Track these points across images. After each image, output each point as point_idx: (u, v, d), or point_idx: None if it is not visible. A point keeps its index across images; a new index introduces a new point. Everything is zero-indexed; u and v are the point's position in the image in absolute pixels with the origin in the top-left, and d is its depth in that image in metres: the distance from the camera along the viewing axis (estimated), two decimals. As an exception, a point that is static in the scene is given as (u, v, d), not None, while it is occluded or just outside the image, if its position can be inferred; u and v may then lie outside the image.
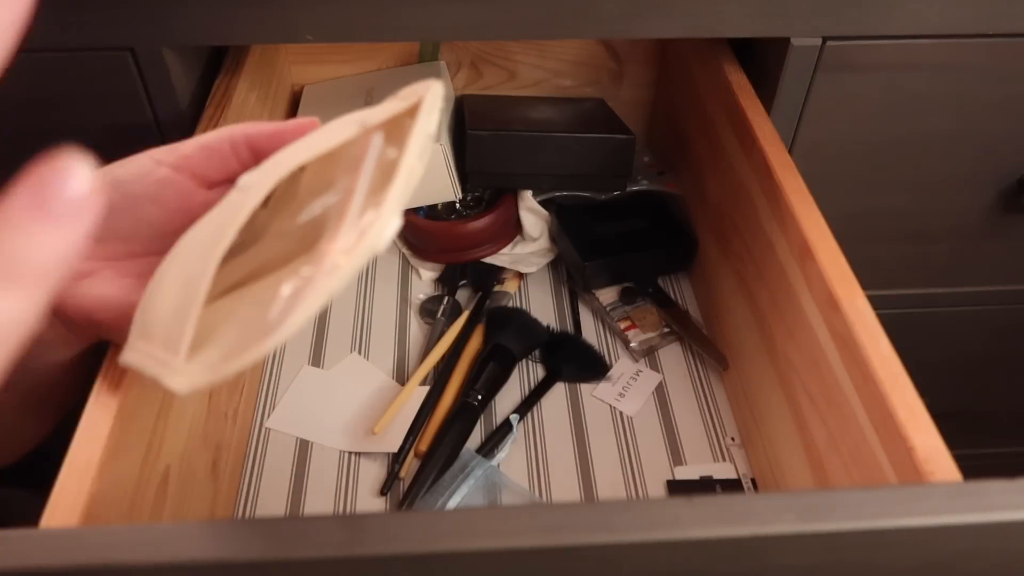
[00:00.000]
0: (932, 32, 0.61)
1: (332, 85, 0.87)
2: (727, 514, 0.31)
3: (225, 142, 0.37)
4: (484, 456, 0.63)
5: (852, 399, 0.45)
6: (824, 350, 0.48)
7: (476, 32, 0.59)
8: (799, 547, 0.31)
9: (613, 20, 0.59)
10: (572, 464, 0.64)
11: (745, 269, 0.63)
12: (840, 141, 0.69)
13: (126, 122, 0.64)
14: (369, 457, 0.64)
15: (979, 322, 0.86)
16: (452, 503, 0.59)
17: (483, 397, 0.66)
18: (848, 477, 0.46)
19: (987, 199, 0.74)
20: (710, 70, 0.70)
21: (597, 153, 0.76)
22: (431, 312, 0.76)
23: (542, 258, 0.80)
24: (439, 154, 0.72)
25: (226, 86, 0.67)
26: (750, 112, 0.61)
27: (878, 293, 0.73)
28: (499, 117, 0.80)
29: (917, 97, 0.66)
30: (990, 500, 0.31)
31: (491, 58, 0.88)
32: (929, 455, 0.38)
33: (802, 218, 0.52)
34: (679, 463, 0.64)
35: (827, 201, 0.54)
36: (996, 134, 0.69)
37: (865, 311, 0.45)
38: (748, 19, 0.59)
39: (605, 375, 0.70)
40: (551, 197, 0.80)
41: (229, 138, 0.37)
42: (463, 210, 0.80)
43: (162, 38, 0.59)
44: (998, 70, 0.65)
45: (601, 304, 0.76)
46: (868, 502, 0.31)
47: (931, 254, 0.79)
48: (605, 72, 0.89)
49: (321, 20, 0.58)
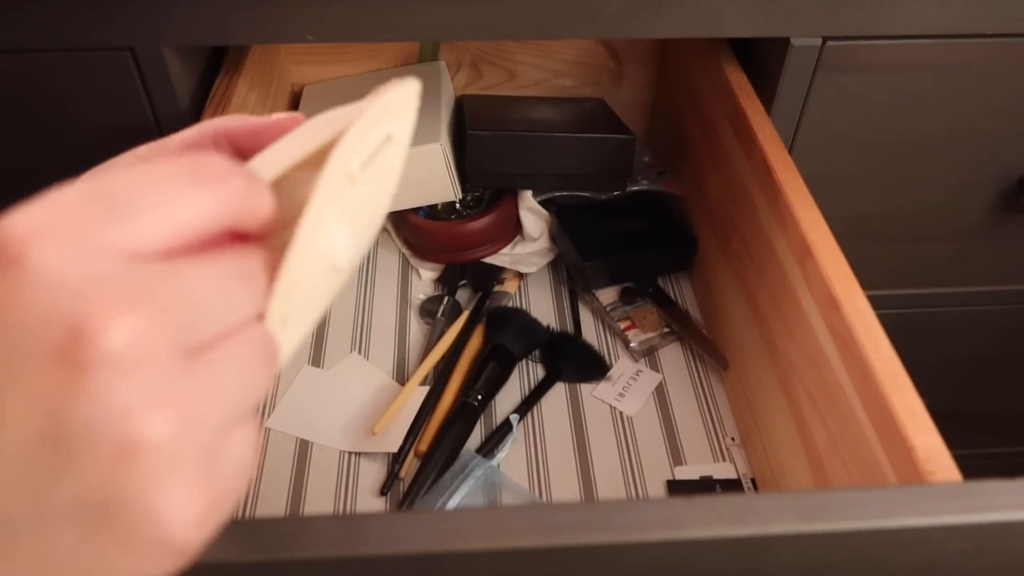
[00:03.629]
0: (932, 32, 0.61)
1: (332, 85, 0.87)
2: (727, 514, 0.31)
3: (207, 138, 0.37)
4: (484, 456, 0.63)
5: (852, 399, 0.45)
6: (824, 350, 0.48)
7: (476, 32, 0.59)
8: (799, 547, 0.31)
9: (613, 20, 0.59)
10: (572, 464, 0.64)
11: (745, 269, 0.63)
12: (840, 141, 0.69)
13: (126, 122, 0.64)
14: (369, 457, 0.64)
15: (979, 322, 0.86)
16: (452, 503, 0.59)
17: (483, 397, 0.66)
18: (848, 477, 0.46)
19: (987, 199, 0.74)
20: (710, 70, 0.70)
21: (597, 153, 0.76)
22: (431, 312, 0.76)
23: (542, 258, 0.80)
24: (439, 154, 0.72)
25: (226, 86, 0.67)
26: (750, 112, 0.61)
27: (878, 293, 0.73)
28: (499, 117, 0.80)
29: (917, 97, 0.66)
30: (990, 500, 0.31)
31: (491, 58, 0.88)
32: (929, 455, 0.38)
33: (802, 218, 0.52)
34: (679, 463, 0.64)
35: (827, 201, 0.54)
36: (996, 134, 0.69)
37: (865, 311, 0.45)
38: (748, 19, 0.59)
39: (605, 375, 0.70)
40: (551, 197, 0.80)
41: (212, 134, 0.36)
42: (463, 210, 0.80)
43: (162, 38, 0.59)
44: (998, 70, 0.65)
45: (601, 304, 0.76)
46: (868, 502, 0.31)
47: (931, 254, 0.79)
48: (605, 72, 0.89)
49: (321, 20, 0.58)
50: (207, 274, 0.23)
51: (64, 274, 0.20)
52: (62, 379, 0.19)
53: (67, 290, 0.20)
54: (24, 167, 0.67)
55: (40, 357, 0.20)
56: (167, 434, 0.20)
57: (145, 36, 0.59)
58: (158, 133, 0.65)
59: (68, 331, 0.19)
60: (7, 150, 0.66)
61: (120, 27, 0.58)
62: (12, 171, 0.67)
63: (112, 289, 0.20)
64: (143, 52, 0.60)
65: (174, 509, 0.21)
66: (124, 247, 0.21)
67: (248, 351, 0.23)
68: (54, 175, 0.48)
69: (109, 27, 0.58)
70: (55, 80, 0.61)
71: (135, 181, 0.23)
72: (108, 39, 0.59)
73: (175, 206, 0.23)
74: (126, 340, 0.20)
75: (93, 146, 0.65)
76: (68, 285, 0.20)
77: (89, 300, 0.20)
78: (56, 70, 0.61)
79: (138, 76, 0.61)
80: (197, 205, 0.23)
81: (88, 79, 0.61)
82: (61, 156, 0.66)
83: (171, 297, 0.21)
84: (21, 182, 0.66)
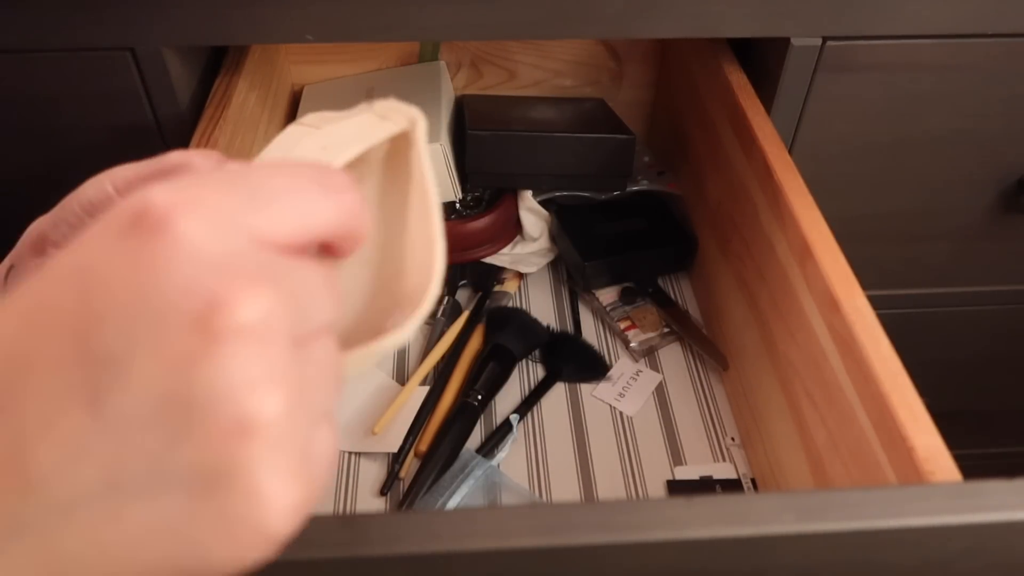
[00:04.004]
0: (932, 32, 0.61)
1: (332, 85, 0.87)
2: (727, 514, 0.31)
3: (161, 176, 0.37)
4: (484, 456, 0.63)
5: (852, 399, 0.45)
6: (824, 350, 0.48)
7: (476, 32, 0.59)
8: (799, 547, 0.31)
9: (613, 20, 0.59)
10: (572, 464, 0.64)
11: (745, 269, 0.63)
12: (840, 141, 0.69)
13: (126, 122, 0.64)
14: (369, 457, 0.64)
15: (979, 322, 0.86)
16: (452, 503, 0.59)
17: (483, 397, 0.66)
18: (848, 477, 0.46)
19: (987, 199, 0.74)
20: (710, 70, 0.70)
21: (597, 153, 0.76)
22: (431, 312, 0.75)
23: (542, 258, 0.80)
24: (439, 154, 0.72)
25: (226, 86, 0.67)
26: (750, 112, 0.61)
27: (878, 293, 0.73)
28: (499, 117, 0.80)
29: (917, 97, 0.66)
30: (990, 500, 0.31)
31: (491, 58, 0.88)
32: (929, 455, 0.38)
33: (802, 218, 0.52)
34: (679, 463, 0.64)
35: (827, 201, 0.54)
36: (996, 134, 0.69)
37: (865, 311, 0.45)
38: (748, 19, 0.59)
39: (605, 375, 0.70)
40: (551, 197, 0.80)
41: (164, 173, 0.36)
42: (463, 210, 0.80)
43: (162, 38, 0.59)
44: (998, 70, 0.65)
45: (601, 304, 0.76)
46: (868, 502, 0.31)
47: (931, 254, 0.79)
48: (605, 72, 0.89)
49: (321, 20, 0.58)
50: (315, 274, 0.24)
51: (207, 248, 0.21)
52: (194, 346, 0.20)
53: (208, 263, 0.21)
54: (24, 167, 0.67)
55: (176, 323, 0.20)
56: (278, 414, 0.21)
57: (145, 36, 0.59)
58: (158, 133, 0.65)
59: (207, 301, 0.20)
60: (7, 150, 0.66)
61: (120, 27, 0.58)
62: (12, 171, 0.67)
63: (248, 268, 0.21)
64: (143, 52, 0.60)
65: (275, 495, 0.21)
66: (258, 233, 0.23)
67: (331, 354, 0.25)
68: (54, 175, 0.48)
69: (109, 27, 0.58)
70: (55, 80, 0.61)
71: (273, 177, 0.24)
72: (108, 39, 0.59)
73: (306, 207, 0.24)
74: (258, 316, 0.21)
75: (93, 146, 0.65)
76: (210, 258, 0.21)
77: (228, 275, 0.21)
78: (56, 70, 0.61)
79: (138, 76, 0.61)
80: (322, 210, 0.25)
81: (88, 79, 0.61)
82: (61, 156, 0.66)
83: (293, 286, 0.23)
84: (21, 182, 0.66)
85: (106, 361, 0.20)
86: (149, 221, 0.21)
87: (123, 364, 0.20)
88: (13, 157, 0.66)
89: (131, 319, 0.20)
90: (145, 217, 0.21)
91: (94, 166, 0.36)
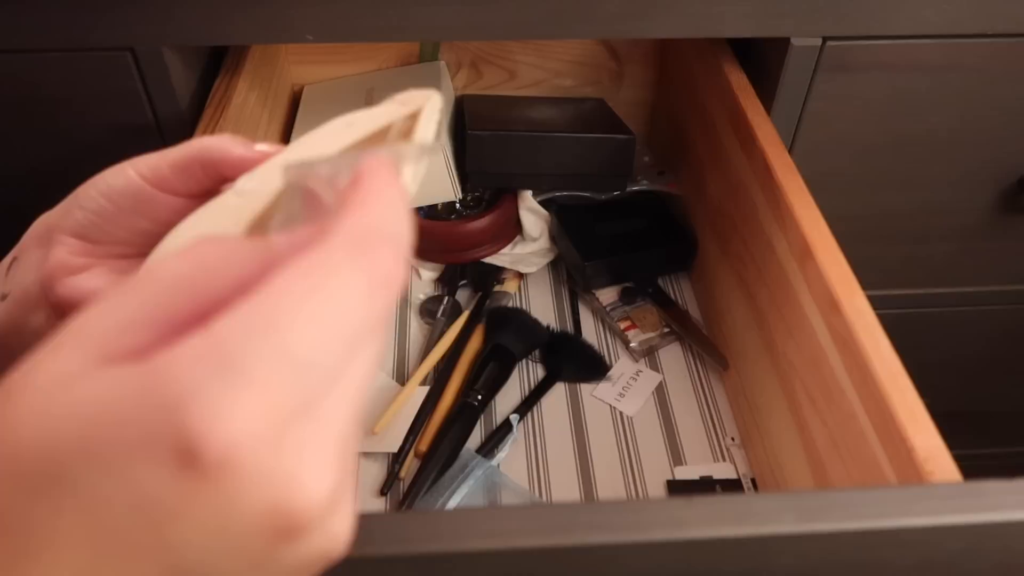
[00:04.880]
0: (932, 32, 0.61)
1: (332, 85, 0.87)
2: (727, 514, 0.31)
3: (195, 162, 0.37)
4: (484, 456, 0.63)
5: (852, 399, 0.45)
6: (824, 350, 0.48)
7: (476, 32, 0.59)
8: (799, 547, 0.31)
9: (613, 20, 0.59)
10: (572, 464, 0.64)
11: (745, 269, 0.63)
12: (840, 141, 0.69)
13: (126, 122, 0.64)
14: (369, 457, 0.64)
15: (979, 322, 0.86)
16: (452, 503, 0.59)
17: (483, 397, 0.66)
18: (848, 477, 0.46)
19: (987, 199, 0.74)
20: (710, 70, 0.70)
21: (597, 153, 0.76)
22: (431, 312, 0.76)
23: (542, 258, 0.80)
24: (439, 154, 0.72)
25: (226, 86, 0.67)
26: (750, 112, 0.61)
27: (878, 293, 0.73)
28: (499, 117, 0.80)
29: (917, 97, 0.66)
30: (990, 500, 0.31)
31: (491, 58, 0.88)
32: (929, 455, 0.38)
33: (802, 218, 0.52)
34: (679, 463, 0.64)
35: (827, 201, 0.54)
36: (996, 134, 0.69)
37: (865, 311, 0.45)
38: (748, 19, 0.59)
39: (605, 375, 0.70)
40: (551, 197, 0.80)
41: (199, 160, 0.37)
42: (463, 210, 0.80)
43: (162, 38, 0.59)
44: (998, 70, 0.65)
45: (601, 304, 0.76)
46: (868, 502, 0.31)
47: (931, 254, 0.79)
48: (605, 72, 0.89)
49: (321, 20, 0.58)
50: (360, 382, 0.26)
51: (267, 469, 0.21)
52: (275, 553, 0.22)
53: (271, 481, 0.21)
54: (25, 167, 0.67)
55: (260, 544, 0.22)
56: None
57: (145, 36, 0.59)
58: (158, 133, 0.65)
59: (283, 514, 0.21)
60: (7, 150, 0.66)
61: (120, 27, 0.58)
62: (13, 171, 0.67)
63: (302, 469, 0.22)
64: (143, 52, 0.60)
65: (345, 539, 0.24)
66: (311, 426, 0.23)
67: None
68: (55, 175, 0.48)
69: (109, 27, 0.58)
70: (55, 80, 0.61)
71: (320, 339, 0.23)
72: (108, 39, 0.59)
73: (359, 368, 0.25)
74: (323, 497, 0.22)
75: (93, 146, 0.65)
76: (272, 477, 0.21)
77: (291, 481, 0.21)
78: (56, 70, 0.61)
79: (138, 76, 0.61)
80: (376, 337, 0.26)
81: (88, 79, 0.61)
82: (61, 156, 0.66)
83: (351, 452, 0.24)
84: (23, 180, 0.66)
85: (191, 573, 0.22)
86: (205, 462, 0.20)
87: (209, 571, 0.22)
88: (14, 156, 0.67)
89: (211, 549, 0.21)
90: (200, 457, 0.20)
91: (94, 165, 0.36)
